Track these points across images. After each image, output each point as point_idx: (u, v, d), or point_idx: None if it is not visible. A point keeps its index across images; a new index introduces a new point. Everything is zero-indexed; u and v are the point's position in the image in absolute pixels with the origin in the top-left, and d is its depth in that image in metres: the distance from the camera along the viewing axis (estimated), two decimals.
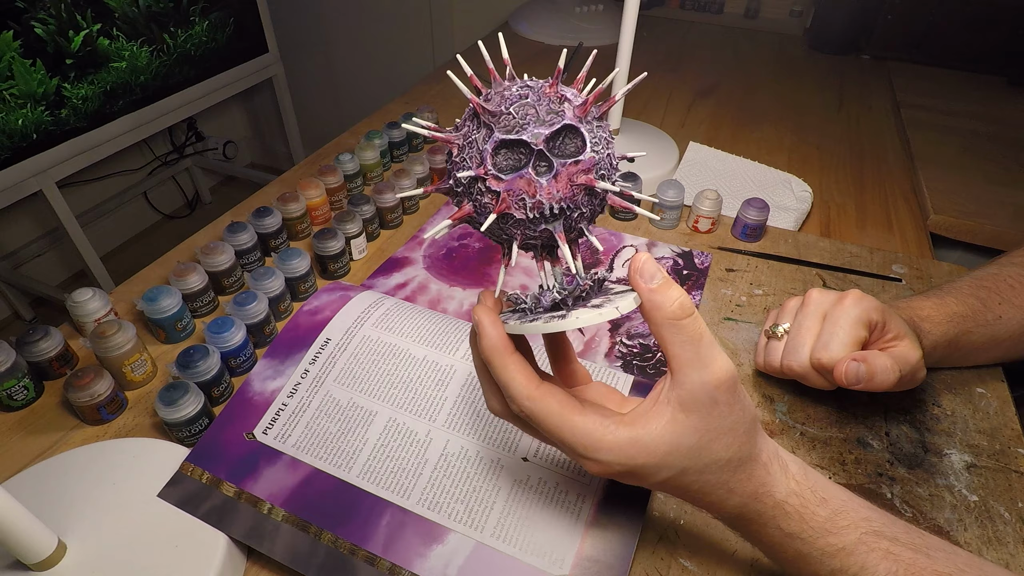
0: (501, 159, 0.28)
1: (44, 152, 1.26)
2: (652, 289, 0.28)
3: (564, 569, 0.38)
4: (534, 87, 0.29)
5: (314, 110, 2.27)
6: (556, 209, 0.28)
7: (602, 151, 0.29)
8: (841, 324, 0.45)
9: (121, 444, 0.44)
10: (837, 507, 0.31)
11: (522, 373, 0.30)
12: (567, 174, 0.28)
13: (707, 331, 0.29)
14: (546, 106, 0.28)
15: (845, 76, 1.16)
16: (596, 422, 0.29)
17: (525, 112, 0.28)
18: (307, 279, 0.59)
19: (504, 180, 0.28)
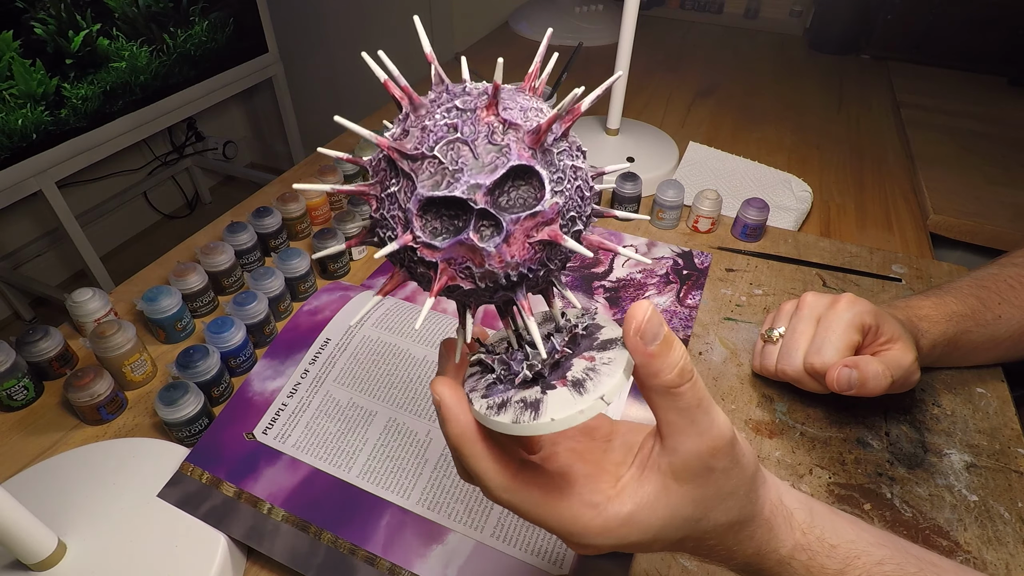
0: (431, 220, 0.21)
1: (44, 152, 1.25)
2: (651, 353, 0.24)
3: (564, 569, 0.38)
4: (467, 109, 0.21)
5: (314, 110, 2.27)
6: (515, 276, 0.22)
7: (569, 185, 0.22)
8: (834, 329, 0.45)
9: (121, 444, 0.44)
10: (847, 553, 0.29)
11: (496, 462, 0.26)
12: (523, 231, 0.21)
13: (706, 394, 0.25)
14: (484, 139, 0.21)
15: (845, 76, 1.16)
16: (582, 507, 0.26)
17: (457, 152, 0.21)
18: (307, 279, 0.59)
19: (440, 249, 0.21)
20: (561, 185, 0.22)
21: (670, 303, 0.60)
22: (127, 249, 2.08)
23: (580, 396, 0.24)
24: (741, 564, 0.30)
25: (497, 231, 0.21)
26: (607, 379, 0.24)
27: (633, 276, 0.63)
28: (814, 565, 0.28)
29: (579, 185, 0.22)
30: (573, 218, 0.23)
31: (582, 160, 0.23)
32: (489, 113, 0.21)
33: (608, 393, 0.23)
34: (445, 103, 0.22)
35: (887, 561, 0.29)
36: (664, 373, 0.24)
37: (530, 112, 0.22)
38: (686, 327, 0.58)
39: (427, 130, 0.21)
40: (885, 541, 0.30)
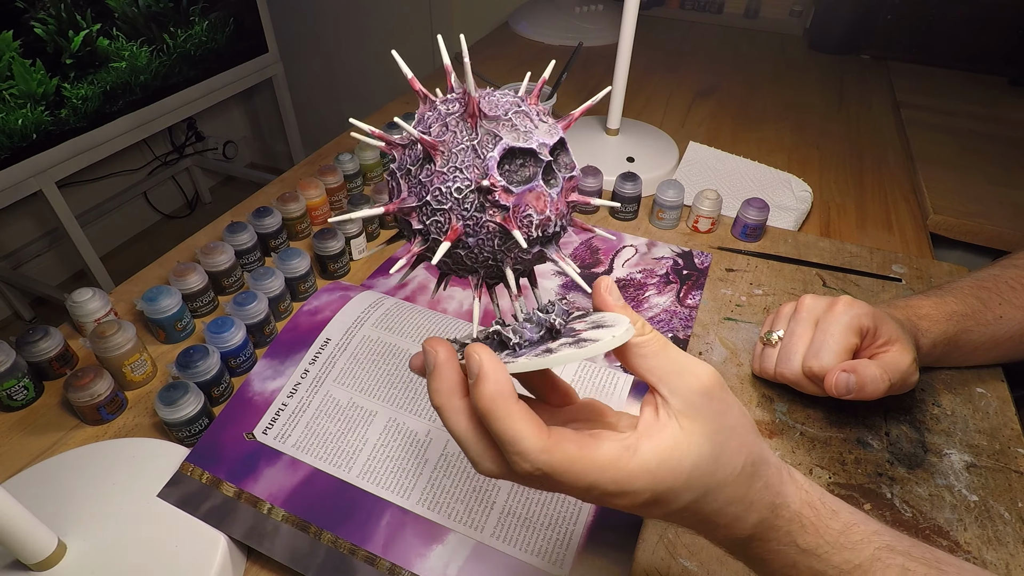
0: (508, 170, 0.25)
1: (44, 152, 1.26)
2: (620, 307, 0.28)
3: (564, 569, 0.38)
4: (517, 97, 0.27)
5: (314, 110, 2.27)
6: (559, 227, 0.27)
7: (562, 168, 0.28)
8: (831, 332, 0.46)
9: (121, 444, 0.44)
10: (847, 520, 0.29)
11: (532, 422, 0.25)
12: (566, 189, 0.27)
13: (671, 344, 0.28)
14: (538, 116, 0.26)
15: (845, 76, 1.16)
16: (615, 448, 0.26)
17: (523, 120, 0.26)
18: (307, 279, 0.59)
19: (514, 193, 0.25)
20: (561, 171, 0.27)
21: (670, 303, 0.60)
22: (127, 249, 2.08)
23: (610, 328, 0.26)
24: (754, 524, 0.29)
25: (556, 182, 0.27)
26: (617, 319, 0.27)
27: (633, 276, 0.63)
28: (820, 523, 0.29)
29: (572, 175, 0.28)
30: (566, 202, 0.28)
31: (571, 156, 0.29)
32: (534, 99, 0.28)
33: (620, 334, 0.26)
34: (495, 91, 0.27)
35: (883, 532, 0.30)
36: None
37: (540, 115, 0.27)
38: (686, 327, 0.58)
39: (495, 103, 0.27)
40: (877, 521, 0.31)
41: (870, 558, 0.28)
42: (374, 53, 2.05)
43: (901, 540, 0.30)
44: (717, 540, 0.31)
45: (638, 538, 0.40)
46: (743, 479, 0.28)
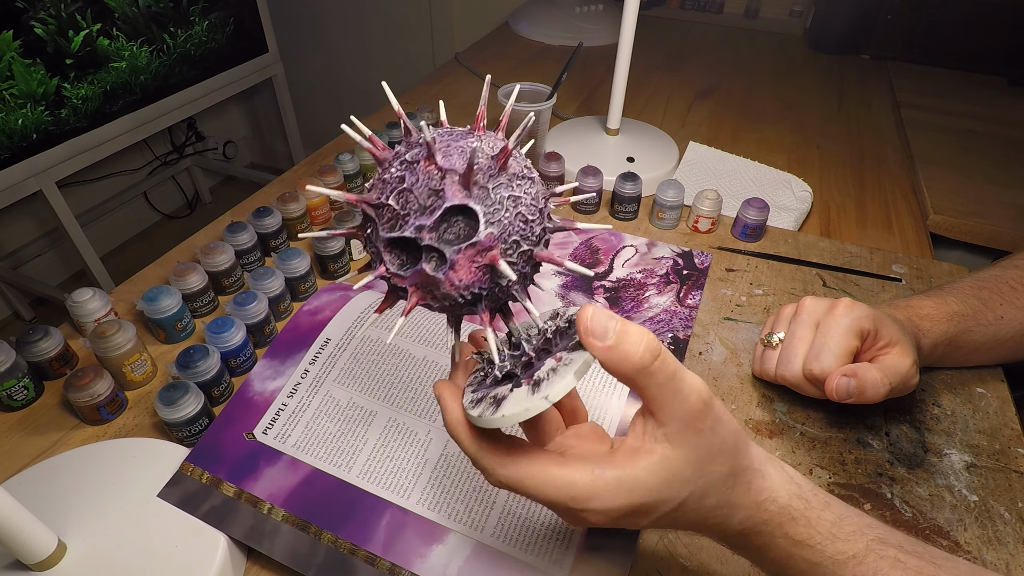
0: (398, 255, 0.26)
1: (44, 152, 1.25)
2: (608, 347, 0.26)
3: (564, 569, 0.38)
4: (413, 161, 0.26)
5: (314, 110, 2.27)
6: (469, 296, 0.26)
7: (508, 214, 0.26)
8: (832, 335, 0.45)
9: (121, 444, 0.44)
10: (841, 512, 0.30)
11: (486, 446, 0.29)
12: (467, 258, 0.25)
13: (677, 363, 0.27)
14: (425, 187, 0.25)
15: (845, 76, 1.16)
16: (581, 469, 0.27)
17: (405, 200, 0.25)
18: (307, 279, 0.59)
19: (405, 277, 0.26)
20: (497, 215, 0.25)
21: (670, 303, 0.60)
22: (127, 249, 2.08)
23: (532, 395, 0.27)
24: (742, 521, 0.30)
25: (443, 261, 0.25)
26: (559, 380, 0.27)
27: (633, 276, 0.63)
28: (812, 514, 0.30)
29: (520, 212, 0.26)
30: (517, 241, 0.26)
31: (528, 186, 0.27)
32: (429, 164, 0.25)
33: (553, 394, 0.26)
34: (400, 156, 0.26)
35: (876, 526, 0.30)
36: (631, 358, 0.26)
37: (472, 154, 0.25)
38: (686, 327, 0.58)
39: (386, 182, 0.26)
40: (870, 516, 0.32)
41: (864, 549, 0.29)
42: (374, 53, 2.05)
43: (893, 534, 0.30)
44: (710, 537, 0.32)
45: (638, 538, 0.40)
46: (723, 488, 0.29)
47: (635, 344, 0.26)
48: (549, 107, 0.76)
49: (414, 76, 1.88)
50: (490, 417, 0.27)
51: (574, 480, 0.27)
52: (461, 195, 0.25)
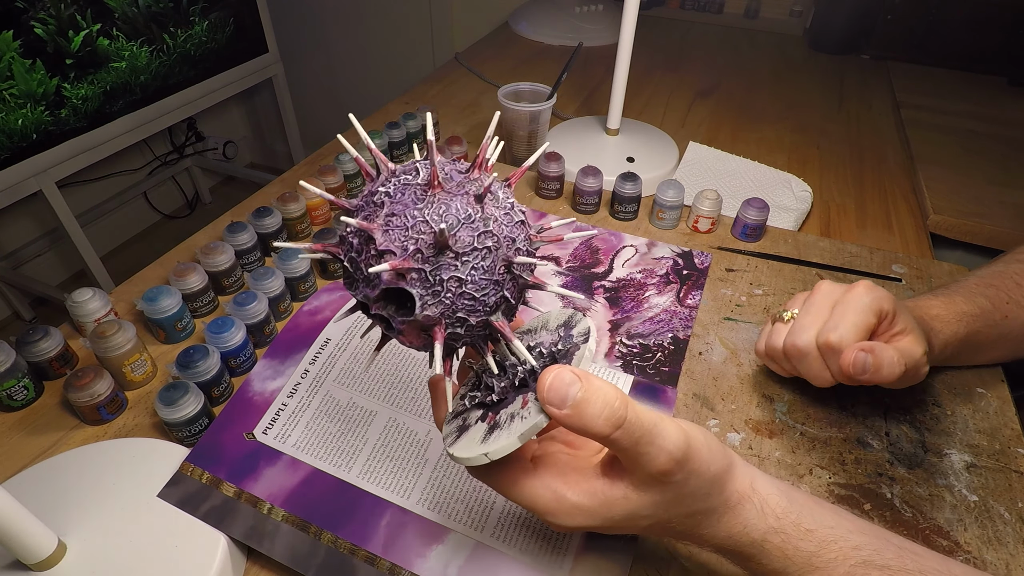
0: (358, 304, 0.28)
1: (44, 152, 1.25)
2: (566, 415, 0.26)
3: (564, 569, 0.38)
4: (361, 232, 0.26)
5: (314, 110, 2.27)
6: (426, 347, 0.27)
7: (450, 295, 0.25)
8: (852, 308, 0.44)
9: (121, 444, 0.44)
10: (823, 538, 0.30)
11: None
12: (413, 329, 0.26)
13: (646, 424, 0.26)
14: (364, 262, 0.26)
15: (845, 76, 1.16)
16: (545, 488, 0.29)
17: (355, 266, 0.26)
18: (307, 279, 0.59)
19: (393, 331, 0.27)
20: (438, 297, 0.25)
21: (670, 303, 0.60)
22: (127, 249, 2.08)
23: (481, 443, 0.28)
24: (716, 547, 0.32)
25: (390, 327, 0.26)
26: (505, 436, 0.27)
27: (633, 276, 0.63)
28: (788, 547, 0.30)
29: (465, 291, 0.25)
30: (463, 318, 0.26)
31: (480, 259, 0.25)
32: (369, 243, 0.25)
33: (493, 452, 0.27)
34: (360, 211, 0.26)
35: (865, 547, 0.30)
36: (589, 428, 0.26)
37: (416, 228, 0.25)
38: (686, 327, 0.58)
39: (343, 240, 0.27)
40: (866, 529, 0.31)
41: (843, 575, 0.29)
42: (374, 53, 2.05)
43: (884, 552, 0.30)
44: None
45: (638, 538, 0.40)
46: (691, 523, 0.30)
47: (594, 416, 0.26)
48: (549, 107, 0.76)
49: (414, 76, 1.89)
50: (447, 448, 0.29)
51: (536, 496, 0.29)
52: (395, 280, 0.25)
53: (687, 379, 0.53)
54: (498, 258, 0.26)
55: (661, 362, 0.54)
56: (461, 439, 0.29)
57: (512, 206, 0.27)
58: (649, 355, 0.55)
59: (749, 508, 0.30)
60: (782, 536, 0.30)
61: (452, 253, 0.25)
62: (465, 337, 0.27)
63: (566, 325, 0.32)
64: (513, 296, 0.27)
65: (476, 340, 0.28)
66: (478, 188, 0.26)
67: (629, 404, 0.26)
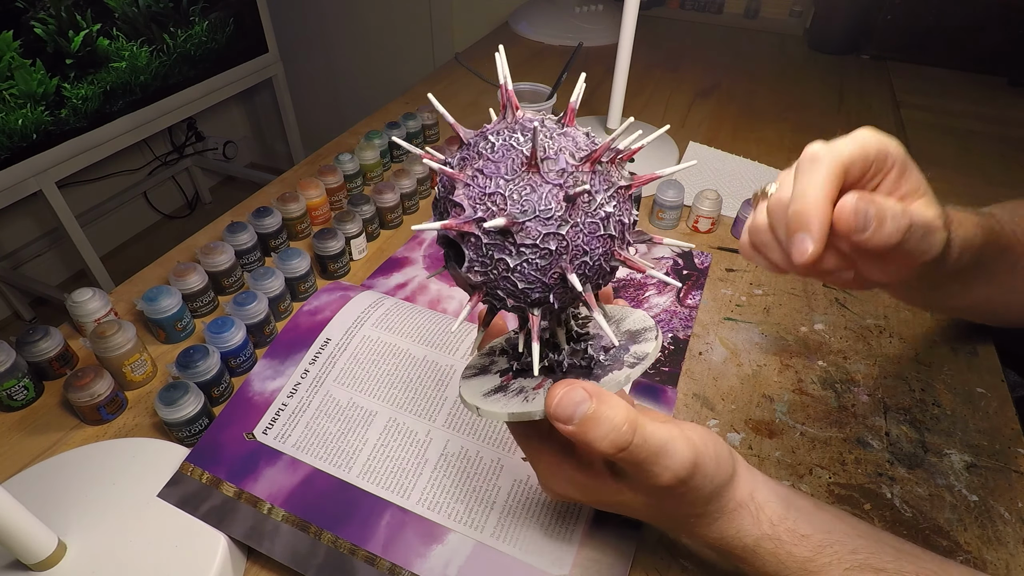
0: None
1: (44, 152, 1.25)
2: (571, 431, 0.26)
3: (564, 569, 0.38)
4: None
5: (314, 110, 2.27)
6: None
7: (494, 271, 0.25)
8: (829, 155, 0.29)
9: (121, 444, 0.44)
10: (819, 542, 0.31)
11: None
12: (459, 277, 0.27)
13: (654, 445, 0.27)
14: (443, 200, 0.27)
15: (845, 76, 1.16)
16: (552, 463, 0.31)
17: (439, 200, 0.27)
18: (307, 279, 0.59)
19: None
20: (485, 268, 0.25)
21: (670, 303, 0.60)
22: (127, 249, 2.08)
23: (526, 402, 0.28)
24: (713, 545, 0.32)
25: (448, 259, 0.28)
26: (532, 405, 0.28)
27: (633, 276, 0.63)
28: (782, 552, 0.30)
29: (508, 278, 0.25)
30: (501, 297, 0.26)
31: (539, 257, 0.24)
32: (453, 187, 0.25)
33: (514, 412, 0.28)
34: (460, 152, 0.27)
35: (862, 550, 0.30)
36: (595, 445, 0.26)
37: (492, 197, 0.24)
38: (686, 327, 0.58)
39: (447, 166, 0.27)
40: (864, 532, 0.32)
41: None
42: (374, 53, 2.05)
43: (880, 555, 0.30)
44: None
45: (638, 538, 0.40)
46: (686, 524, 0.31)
47: (599, 438, 0.26)
48: (549, 107, 0.76)
49: (414, 76, 1.89)
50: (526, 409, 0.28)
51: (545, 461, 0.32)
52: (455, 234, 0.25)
53: (687, 379, 0.53)
54: (556, 264, 0.25)
55: (661, 362, 0.54)
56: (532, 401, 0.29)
57: (608, 217, 0.25)
58: None
59: (744, 515, 0.31)
60: (775, 542, 0.31)
61: (512, 240, 0.24)
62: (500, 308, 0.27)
63: (632, 336, 0.31)
64: (559, 301, 0.26)
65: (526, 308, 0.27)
66: (576, 184, 0.24)
67: (638, 428, 0.26)
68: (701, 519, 0.31)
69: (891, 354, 0.56)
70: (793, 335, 0.57)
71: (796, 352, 0.56)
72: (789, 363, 0.55)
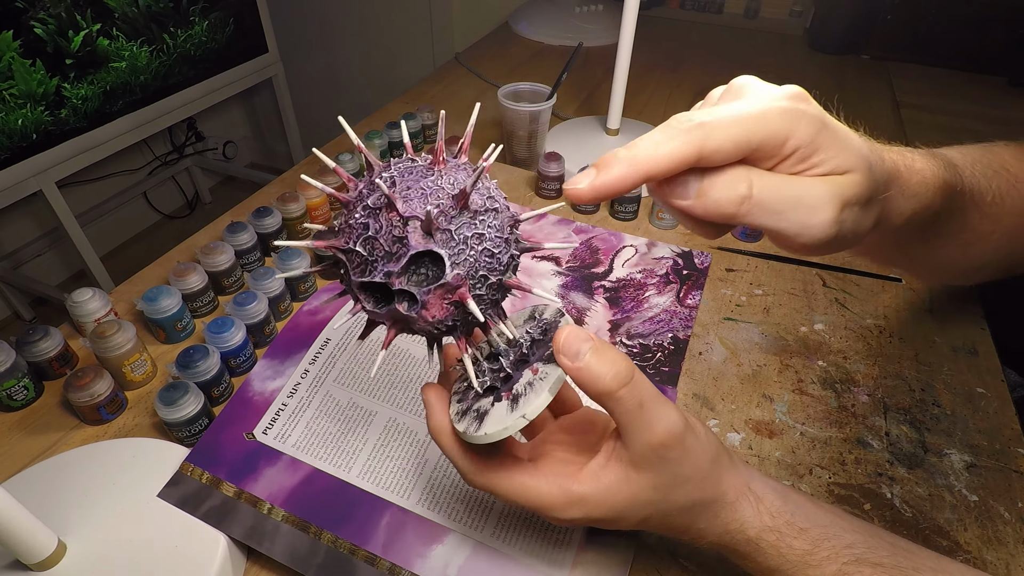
0: (369, 296, 0.27)
1: (44, 152, 1.25)
2: (578, 367, 0.27)
3: (564, 569, 0.38)
4: (375, 208, 0.26)
5: (314, 110, 2.27)
6: (443, 328, 0.28)
7: (472, 252, 0.26)
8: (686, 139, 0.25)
9: (121, 444, 0.44)
10: (817, 536, 0.31)
11: (464, 454, 0.31)
12: (438, 297, 0.26)
13: (648, 392, 0.28)
14: (388, 235, 0.26)
15: (845, 76, 1.16)
16: (551, 484, 0.30)
17: (372, 247, 0.26)
18: (307, 279, 0.59)
19: (381, 315, 0.27)
20: (462, 255, 0.26)
21: (670, 303, 0.60)
22: (127, 249, 2.08)
23: (511, 412, 0.28)
24: (712, 543, 0.32)
25: (414, 301, 0.26)
26: (534, 397, 0.28)
27: (633, 276, 0.63)
28: (782, 545, 0.30)
29: (485, 247, 0.27)
30: (484, 276, 0.27)
31: (492, 219, 0.27)
32: (391, 212, 0.26)
33: (530, 412, 0.28)
34: (363, 199, 0.27)
35: (858, 544, 0.31)
36: (598, 381, 0.27)
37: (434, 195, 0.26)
38: (686, 327, 0.58)
39: (351, 227, 0.27)
40: (860, 528, 0.32)
41: (835, 573, 0.30)
42: (374, 53, 2.05)
43: (878, 548, 0.31)
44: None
45: (638, 538, 0.40)
46: (689, 515, 0.31)
47: (604, 371, 0.27)
48: (549, 107, 0.76)
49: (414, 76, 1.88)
50: (474, 434, 0.29)
51: (542, 493, 0.30)
52: (424, 242, 0.26)
53: (687, 379, 0.53)
54: (504, 217, 0.27)
55: (661, 362, 0.54)
56: (486, 422, 0.29)
57: (495, 184, 0.29)
58: (649, 355, 0.55)
59: (745, 505, 0.31)
60: (776, 534, 0.31)
61: (470, 212, 0.26)
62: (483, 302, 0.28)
63: (533, 317, 0.34)
64: (518, 254, 0.29)
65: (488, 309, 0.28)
66: (469, 167, 0.28)
67: (636, 370, 0.28)
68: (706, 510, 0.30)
69: (891, 354, 0.56)
70: (793, 335, 0.57)
71: (796, 352, 0.56)
72: (789, 363, 0.55)
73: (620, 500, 0.29)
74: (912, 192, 0.34)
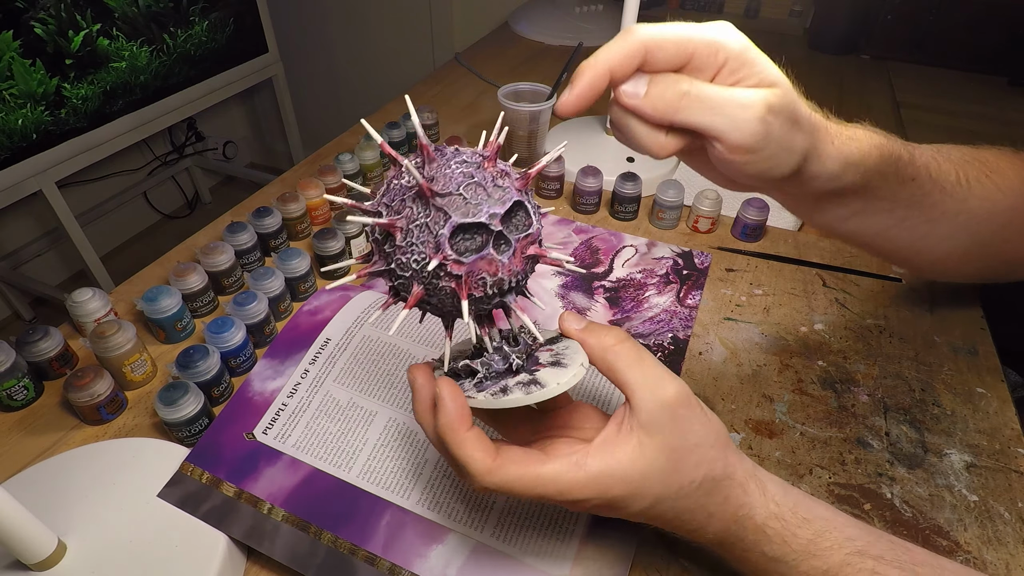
0: (459, 242, 0.28)
1: (44, 152, 1.26)
2: (583, 330, 0.32)
3: (564, 569, 0.38)
4: (472, 162, 0.29)
5: (314, 110, 2.27)
6: (513, 283, 0.30)
7: (538, 217, 0.30)
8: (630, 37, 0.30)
9: (121, 444, 0.44)
10: (820, 527, 0.31)
11: (480, 449, 0.29)
12: (521, 247, 0.29)
13: (648, 355, 0.31)
14: (491, 183, 0.29)
15: (845, 76, 1.16)
16: (562, 464, 0.29)
17: (475, 191, 0.28)
18: (307, 279, 0.59)
19: (465, 263, 0.28)
20: (536, 215, 0.30)
21: (670, 303, 0.60)
22: (127, 249, 2.08)
23: (565, 368, 0.31)
24: (718, 532, 0.31)
25: (508, 247, 0.29)
26: (576, 355, 0.32)
27: (633, 276, 0.63)
28: (787, 533, 0.31)
29: (540, 217, 0.31)
30: (540, 240, 0.31)
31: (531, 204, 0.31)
32: (490, 164, 0.29)
33: (585, 360, 0.31)
34: (453, 158, 0.29)
35: (858, 538, 0.31)
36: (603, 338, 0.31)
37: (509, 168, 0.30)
38: (686, 327, 0.58)
39: (449, 176, 0.28)
40: (858, 524, 0.32)
41: (839, 563, 0.30)
42: (374, 53, 2.05)
43: (877, 543, 0.31)
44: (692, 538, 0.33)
45: (638, 538, 0.40)
46: (700, 493, 0.30)
47: (604, 330, 0.32)
48: (549, 107, 0.76)
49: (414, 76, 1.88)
50: (544, 391, 0.30)
51: (558, 475, 0.29)
52: (519, 195, 0.29)
53: (687, 379, 0.53)
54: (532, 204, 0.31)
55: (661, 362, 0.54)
56: (545, 381, 0.30)
57: None
58: None
59: (754, 488, 0.31)
60: (782, 522, 0.31)
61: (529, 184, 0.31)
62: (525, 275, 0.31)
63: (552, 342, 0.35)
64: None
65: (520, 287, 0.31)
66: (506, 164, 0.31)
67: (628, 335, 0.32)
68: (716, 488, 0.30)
69: (891, 354, 0.56)
70: (793, 335, 0.57)
71: (796, 352, 0.56)
72: (789, 363, 0.55)
73: (635, 471, 0.29)
74: (851, 159, 0.39)
